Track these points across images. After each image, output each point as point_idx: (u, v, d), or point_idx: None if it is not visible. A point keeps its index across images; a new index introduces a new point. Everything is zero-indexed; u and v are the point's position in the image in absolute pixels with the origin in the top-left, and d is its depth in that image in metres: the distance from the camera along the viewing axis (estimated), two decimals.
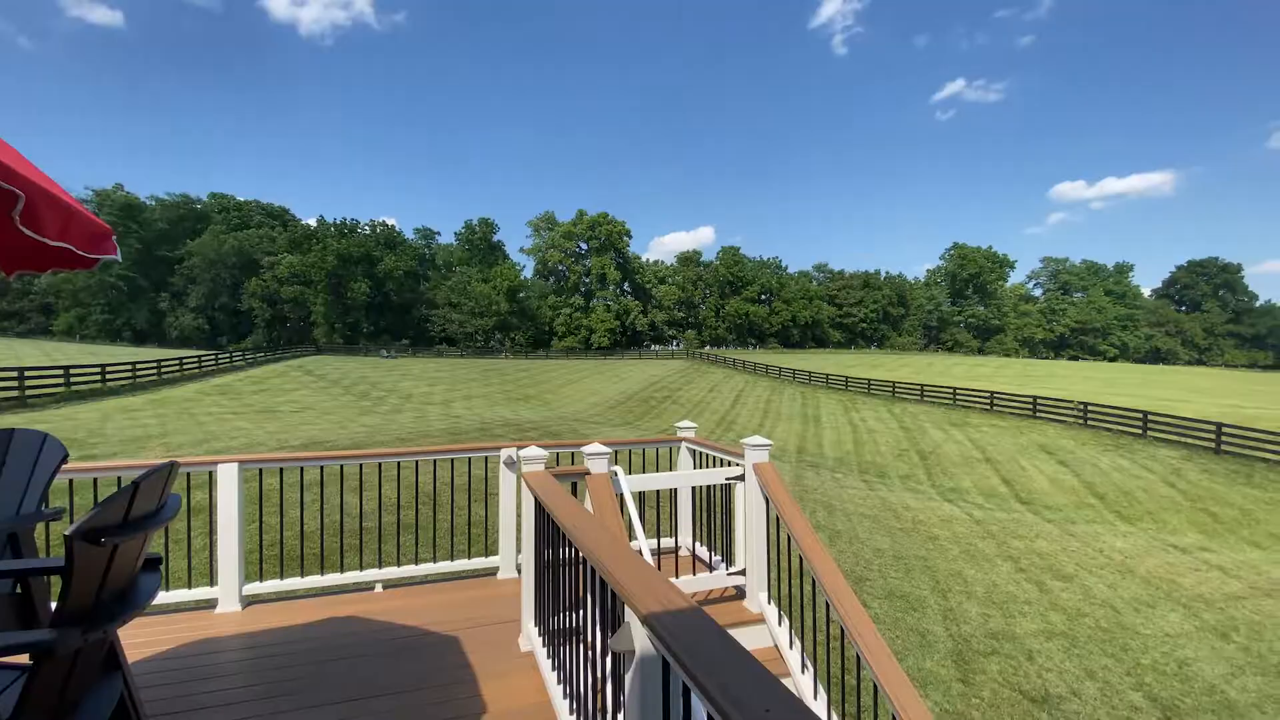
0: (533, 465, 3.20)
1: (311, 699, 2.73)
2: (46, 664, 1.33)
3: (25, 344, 46.34)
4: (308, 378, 37.62)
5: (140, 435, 15.61)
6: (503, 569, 4.34)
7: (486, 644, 3.25)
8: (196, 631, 3.44)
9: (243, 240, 75.00)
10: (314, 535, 6.02)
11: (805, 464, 19.25)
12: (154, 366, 30.94)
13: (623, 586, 1.55)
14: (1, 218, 1.55)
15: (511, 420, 22.28)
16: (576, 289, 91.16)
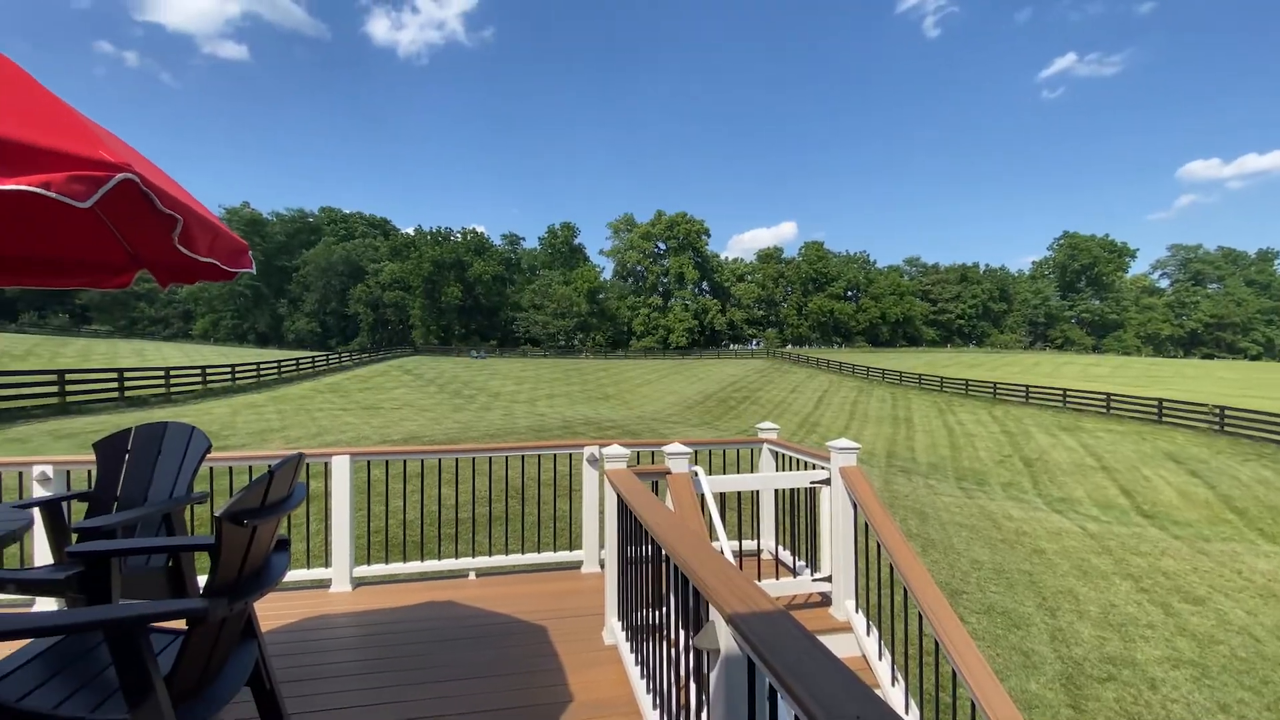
0: (615, 463, 3.27)
1: (414, 677, 2.93)
2: (198, 629, 1.52)
3: (170, 346, 52.50)
4: (407, 376, 40.15)
5: (264, 429, 17.26)
6: (586, 563, 4.46)
7: (571, 635, 3.36)
8: (313, 608, 3.78)
9: (350, 250, 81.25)
10: (413, 524, 6.44)
11: (895, 469, 18.37)
12: (274, 366, 34.14)
13: (707, 585, 1.56)
14: (163, 238, 1.80)
15: (592, 419, 22.75)
16: (654, 289, 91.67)
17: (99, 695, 1.55)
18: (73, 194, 1.18)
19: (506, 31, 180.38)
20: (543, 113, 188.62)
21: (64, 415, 18.38)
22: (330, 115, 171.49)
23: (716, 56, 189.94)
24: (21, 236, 2.27)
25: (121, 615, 1.33)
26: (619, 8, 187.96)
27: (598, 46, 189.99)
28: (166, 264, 2.30)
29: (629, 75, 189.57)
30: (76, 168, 1.19)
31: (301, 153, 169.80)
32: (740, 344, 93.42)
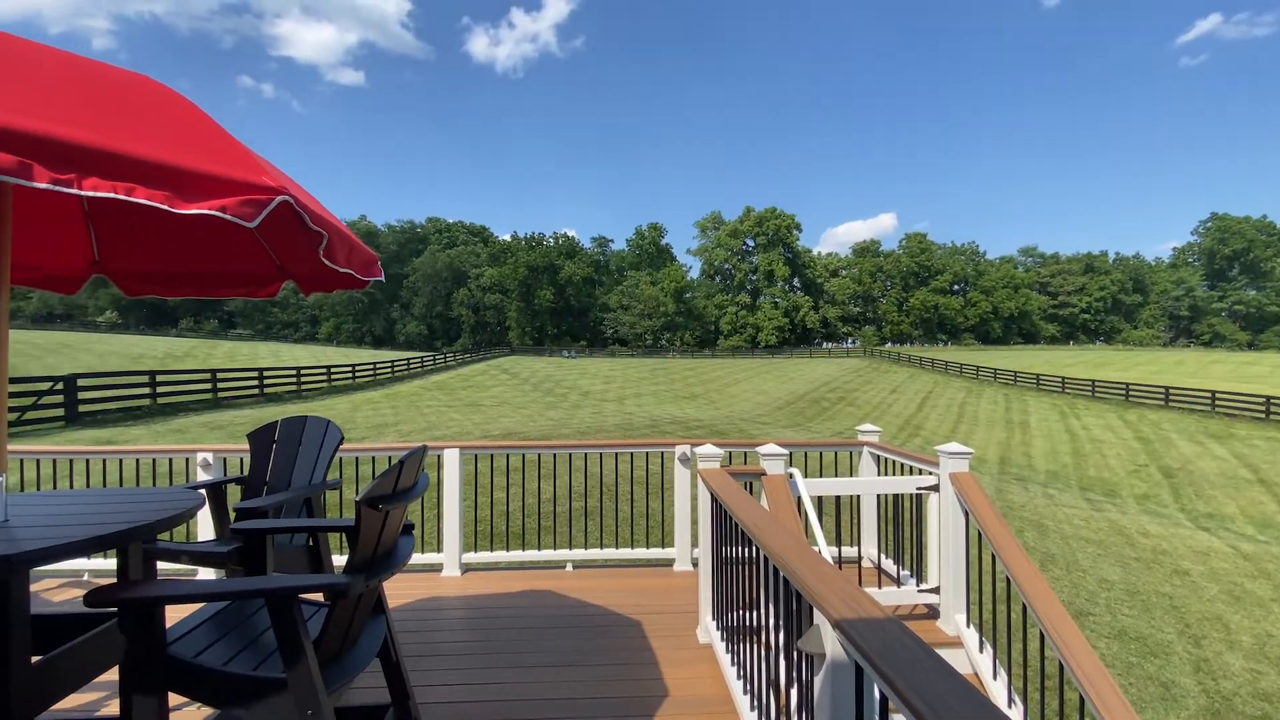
0: (708, 463, 3.27)
1: (518, 660, 3.08)
2: (341, 602, 1.69)
3: (299, 348, 58.22)
4: (504, 375, 42.12)
5: (380, 423, 18.73)
6: (678, 561, 4.49)
7: (666, 631, 3.40)
8: (427, 590, 4.07)
9: (453, 257, 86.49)
10: (512, 515, 6.77)
11: (1009, 476, 17.00)
12: (388, 366, 36.99)
13: (811, 589, 1.54)
14: (307, 252, 2.02)
15: (679, 418, 22.79)
16: (743, 287, 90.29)
17: (259, 656, 1.76)
18: (243, 215, 1.35)
19: (595, 38, 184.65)
20: (632, 116, 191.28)
21: (215, 409, 20.88)
22: (435, 131, 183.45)
23: (806, 45, 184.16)
24: (192, 254, 2.63)
25: (282, 586, 1.51)
26: (703, 6, 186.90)
27: (685, 47, 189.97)
28: (308, 275, 2.58)
29: (717, 74, 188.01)
30: (245, 192, 1.37)
31: (410, 167, 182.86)
32: (834, 342, 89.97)
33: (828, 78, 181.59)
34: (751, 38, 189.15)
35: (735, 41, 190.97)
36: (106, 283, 2.76)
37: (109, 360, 30.82)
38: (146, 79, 1.62)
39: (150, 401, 19.85)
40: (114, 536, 1.61)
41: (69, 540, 1.55)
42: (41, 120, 1.24)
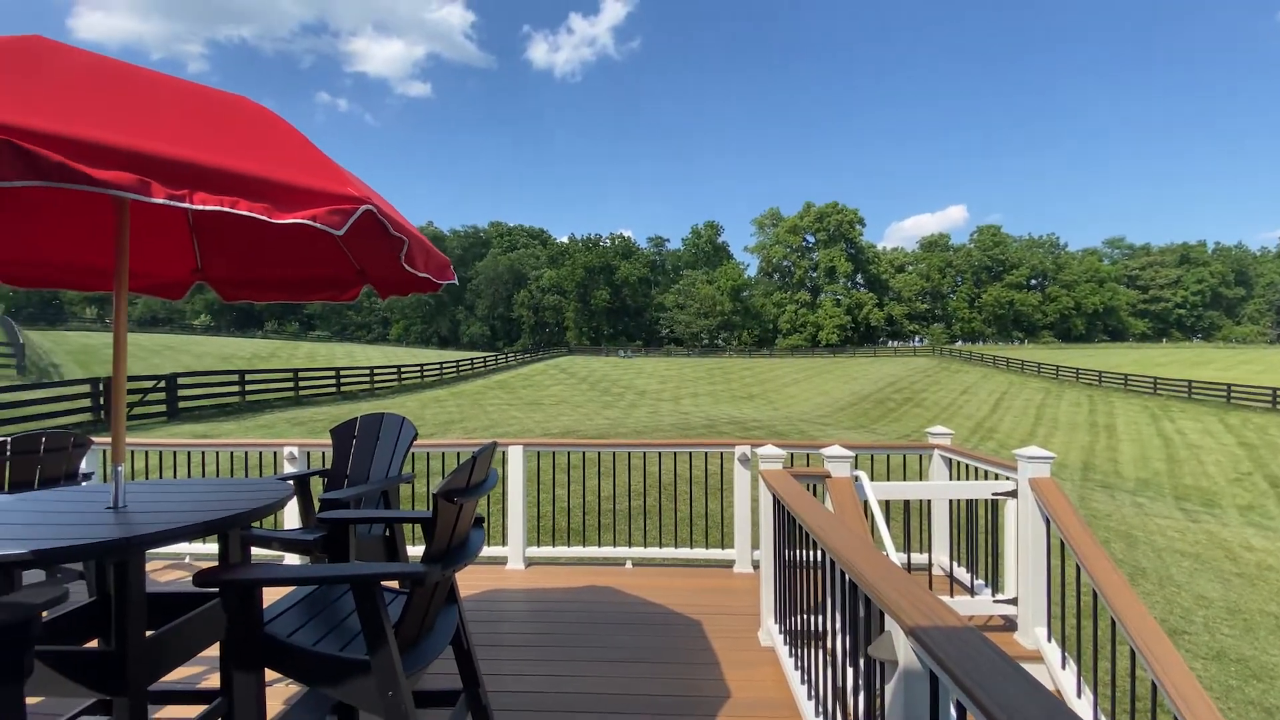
0: (770, 464, 3.23)
1: (580, 654, 3.14)
2: (418, 591, 1.78)
3: (372, 349, 61.20)
4: (562, 375, 42.89)
5: (447, 420, 19.45)
6: (738, 562, 4.45)
7: (727, 633, 3.38)
8: (493, 582, 4.20)
9: (513, 259, 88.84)
10: (570, 511, 6.88)
11: (1093, 484, 15.92)
12: (454, 366, 38.37)
13: (882, 594, 1.50)
14: (386, 258, 2.14)
15: (736, 418, 22.54)
16: (802, 284, 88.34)
17: (344, 639, 1.87)
18: (331, 224, 1.45)
19: (652, 39, 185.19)
20: (689, 114, 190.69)
21: (297, 406, 22.24)
22: (497, 137, 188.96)
23: (868, 30, 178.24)
24: (282, 261, 2.82)
25: (366, 573, 1.60)
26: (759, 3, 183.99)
27: (742, 42, 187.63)
28: (386, 279, 2.72)
29: (777, 66, 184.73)
30: (333, 203, 1.47)
31: (473, 172, 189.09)
32: (900, 341, 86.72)
33: (892, 65, 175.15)
34: (810, 25, 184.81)
35: (793, 31, 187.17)
36: (204, 288, 3.00)
37: (205, 360, 33.36)
38: (244, 99, 1.76)
39: (240, 399, 21.37)
40: (217, 523, 1.75)
41: (179, 525, 1.70)
42: (157, 141, 1.36)
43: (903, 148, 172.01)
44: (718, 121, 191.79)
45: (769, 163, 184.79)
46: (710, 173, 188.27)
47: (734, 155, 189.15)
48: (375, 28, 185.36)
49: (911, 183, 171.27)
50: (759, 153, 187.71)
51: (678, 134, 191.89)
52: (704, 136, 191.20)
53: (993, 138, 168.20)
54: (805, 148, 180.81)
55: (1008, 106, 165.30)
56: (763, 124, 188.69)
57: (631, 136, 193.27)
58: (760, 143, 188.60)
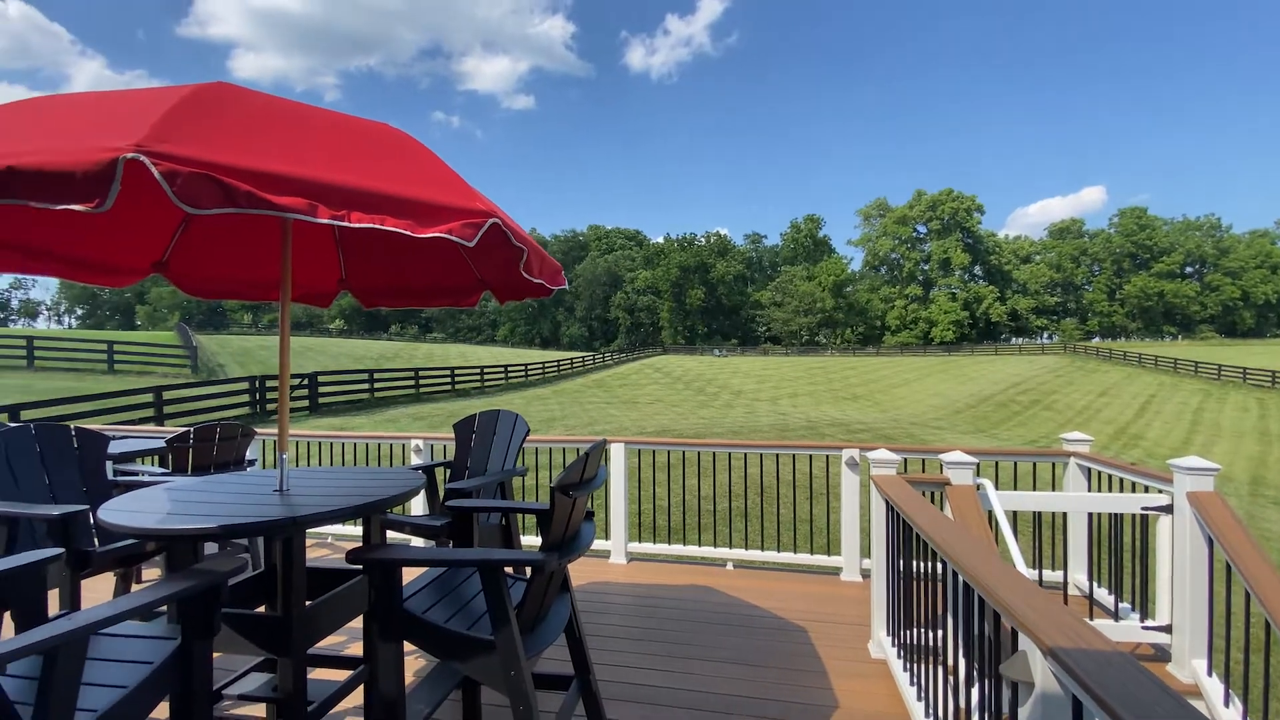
0: (883, 469, 3.09)
1: (683, 651, 3.17)
2: (537, 577, 1.89)
3: (482, 349, 64.94)
4: (657, 374, 43.27)
5: (549, 417, 20.27)
6: (845, 570, 4.29)
7: (834, 641, 3.28)
8: (597, 575, 4.34)
9: (610, 262, 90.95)
10: (669, 510, 6.94)
11: (1266, 500, 13.74)
12: (555, 365, 39.92)
13: (1015, 611, 1.40)
14: (505, 265, 2.29)
15: (839, 420, 21.66)
16: (913, 278, 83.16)
17: (470, 619, 2.02)
18: (464, 237, 1.58)
19: (749, 31, 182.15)
20: (787, 105, 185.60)
21: (417, 402, 24.07)
22: (595, 143, 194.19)
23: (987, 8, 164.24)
24: (412, 271, 3.09)
25: (494, 558, 1.73)
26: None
27: (839, 24, 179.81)
28: (504, 285, 2.91)
29: (879, 46, 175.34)
30: (465, 217, 1.60)
31: (573, 178, 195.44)
32: (1025, 337, 79.41)
33: (1008, 34, 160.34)
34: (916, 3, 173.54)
35: (896, 11, 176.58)
36: (342, 296, 3.35)
37: (339, 360, 36.94)
38: (386, 126, 1.96)
39: (369, 395, 23.50)
40: (364, 507, 1.95)
41: (334, 509, 1.92)
42: (320, 168, 1.55)
43: (1026, 128, 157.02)
44: (820, 113, 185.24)
45: (875, 153, 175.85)
46: (812, 166, 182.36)
47: (837, 146, 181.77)
48: (484, 46, 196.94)
49: (1037, 165, 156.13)
50: (864, 141, 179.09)
51: (777, 128, 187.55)
52: (804, 127, 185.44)
53: (1136, 106, 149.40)
54: (915, 132, 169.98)
55: (1153, 67, 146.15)
56: (868, 113, 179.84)
57: (729, 133, 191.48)
58: (865, 128, 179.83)
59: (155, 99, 1.54)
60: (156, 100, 1.52)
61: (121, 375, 23.62)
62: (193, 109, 1.50)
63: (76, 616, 1.45)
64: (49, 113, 1.65)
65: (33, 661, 1.68)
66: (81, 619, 1.42)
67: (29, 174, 1.27)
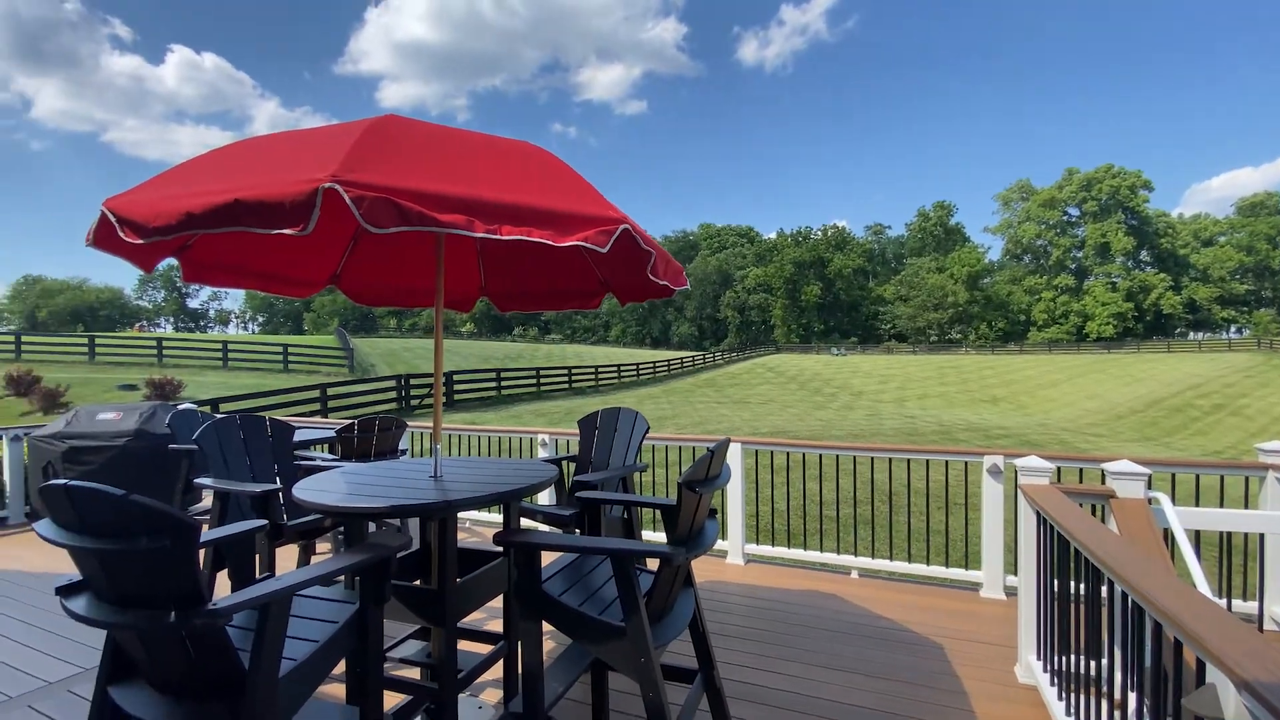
0: (1034, 478, 2.83)
1: (797, 655, 3.11)
2: (665, 569, 1.95)
3: (596, 349, 67.18)
4: (770, 374, 42.28)
5: (659, 416, 20.54)
6: (986, 586, 3.97)
7: (974, 661, 3.05)
8: (714, 574, 4.36)
9: (721, 260, 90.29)
10: (782, 513, 6.78)
11: None
12: (665, 365, 40.36)
13: (1201, 639, 1.24)
14: (629, 268, 2.39)
15: (975, 424, 19.92)
16: (1063, 266, 74.44)
17: (601, 605, 2.13)
18: (598, 243, 1.69)
19: (869, 15, 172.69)
20: (912, 90, 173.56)
21: (538, 399, 25.40)
22: (708, 141, 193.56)
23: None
24: (543, 277, 3.31)
25: (627, 548, 1.82)
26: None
27: None
28: (627, 287, 3.04)
29: (1012, 23, 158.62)
30: (599, 225, 1.71)
31: (685, 178, 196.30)
32: (1207, 331, 68.31)
33: None
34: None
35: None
36: (480, 301, 3.64)
37: (470, 361, 39.86)
38: (527, 144, 2.12)
39: (496, 393, 25.19)
40: (507, 494, 2.13)
41: (481, 494, 2.11)
42: (472, 187, 1.72)
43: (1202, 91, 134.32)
44: (950, 93, 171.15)
45: (1015, 132, 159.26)
46: (941, 151, 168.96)
47: (970, 127, 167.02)
48: (598, 56, 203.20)
49: (1220, 131, 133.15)
50: (1000, 115, 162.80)
51: (902, 112, 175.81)
52: (932, 106, 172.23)
53: None
54: (1060, 102, 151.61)
55: None
56: (1004, 89, 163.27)
57: (847, 122, 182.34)
58: (1002, 102, 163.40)
59: (341, 134, 1.79)
60: (343, 135, 1.77)
61: (294, 373, 27.19)
62: (372, 140, 1.73)
63: (282, 578, 1.72)
64: (260, 151, 1.97)
65: (249, 614, 2.01)
66: (286, 580, 1.68)
67: (250, 204, 1.53)
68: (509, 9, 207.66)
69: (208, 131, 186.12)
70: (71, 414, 5.90)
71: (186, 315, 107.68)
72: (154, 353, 27.67)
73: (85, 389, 19.65)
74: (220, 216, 1.52)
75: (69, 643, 3.28)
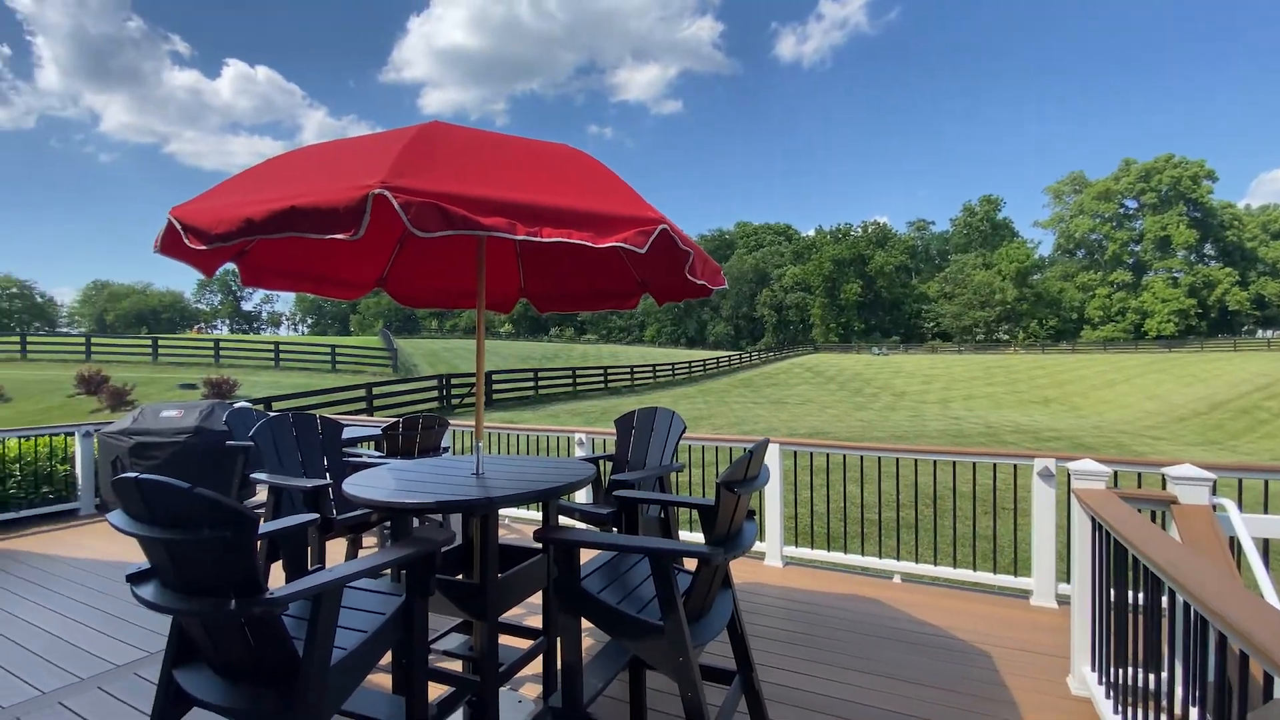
0: (1089, 482, 2.72)
1: (838, 659, 3.06)
2: (703, 570, 1.95)
3: (631, 349, 67.38)
4: (808, 374, 41.64)
5: (695, 416, 20.46)
6: (1037, 594, 3.83)
7: (1024, 671, 2.95)
8: (751, 576, 4.32)
9: (757, 259, 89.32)
10: (820, 516, 6.66)
11: None
12: (701, 365, 40.21)
13: (1270, 652, 1.18)
14: (669, 269, 2.39)
15: (1025, 426, 19.21)
16: (1119, 262, 71.09)
17: (639, 603, 2.14)
18: (636, 244, 1.70)
19: (912, 5, 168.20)
20: (957, 83, 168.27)
21: (574, 399, 25.62)
22: (744, 139, 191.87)
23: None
24: (581, 278, 3.34)
25: (666, 547, 1.82)
26: None
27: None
28: (664, 288, 3.05)
29: (1062, 12, 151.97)
30: (637, 226, 1.72)
31: (721, 177, 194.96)
32: (1277, 329, 64.19)
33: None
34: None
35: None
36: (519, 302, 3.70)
37: (509, 360, 40.50)
38: (565, 147, 2.15)
39: (534, 392, 25.52)
40: (546, 492, 2.16)
41: (522, 492, 2.14)
42: (514, 190, 1.76)
43: (1272, 74, 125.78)
44: (997, 83, 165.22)
45: (1066, 123, 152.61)
46: (988, 144, 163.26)
47: (1017, 117, 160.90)
48: (634, 57, 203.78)
49: None
50: (1053, 108, 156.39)
51: (945, 105, 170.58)
52: (978, 96, 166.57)
53: None
54: (1114, 102, 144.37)
55: None
56: (1054, 78, 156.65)
57: (889, 116, 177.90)
58: (1053, 97, 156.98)
59: (388, 141, 1.86)
60: (390, 142, 1.83)
61: (341, 373, 28.12)
62: (418, 147, 1.78)
63: (334, 569, 1.79)
64: (312, 159, 2.05)
65: (302, 604, 2.09)
66: (339, 571, 1.75)
67: (305, 211, 1.60)
68: (546, 13, 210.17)
69: (260, 141, 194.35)
70: (138, 411, 6.25)
71: (241, 317, 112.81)
72: (211, 353, 29.02)
73: (149, 388, 20.75)
74: (278, 222, 1.59)
75: (134, 628, 3.47)
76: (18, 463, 5.78)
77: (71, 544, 5.15)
